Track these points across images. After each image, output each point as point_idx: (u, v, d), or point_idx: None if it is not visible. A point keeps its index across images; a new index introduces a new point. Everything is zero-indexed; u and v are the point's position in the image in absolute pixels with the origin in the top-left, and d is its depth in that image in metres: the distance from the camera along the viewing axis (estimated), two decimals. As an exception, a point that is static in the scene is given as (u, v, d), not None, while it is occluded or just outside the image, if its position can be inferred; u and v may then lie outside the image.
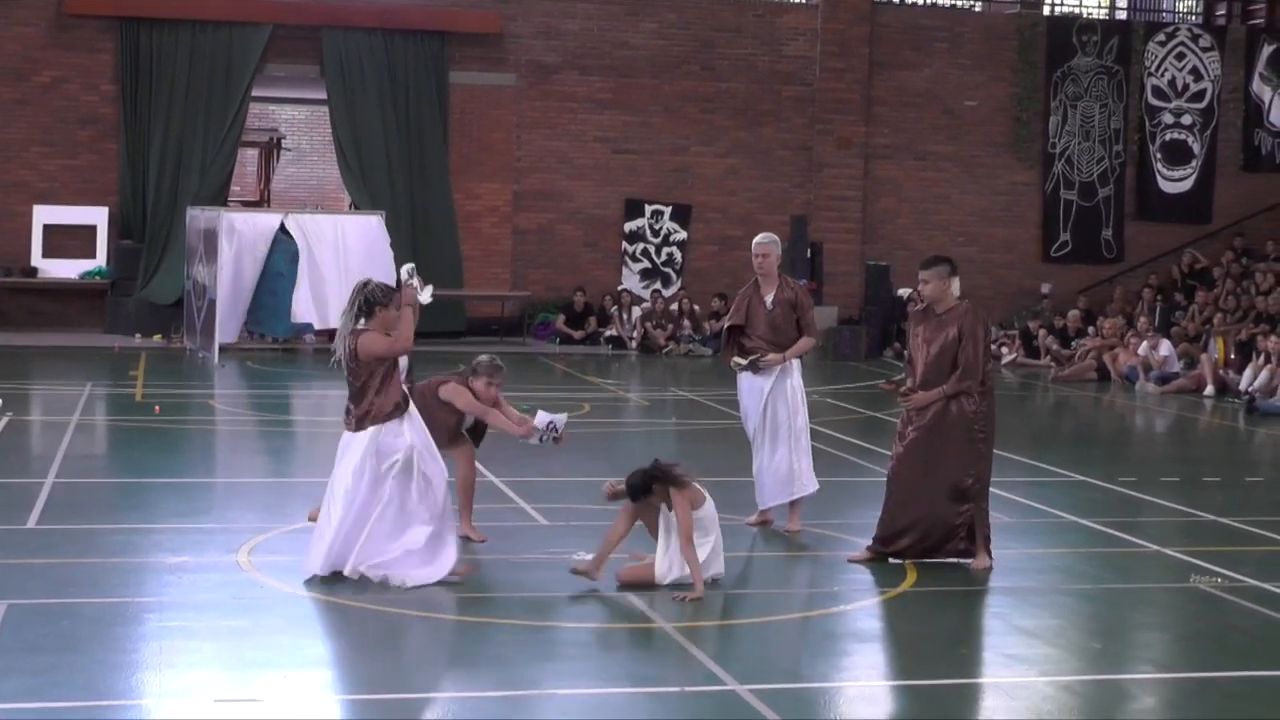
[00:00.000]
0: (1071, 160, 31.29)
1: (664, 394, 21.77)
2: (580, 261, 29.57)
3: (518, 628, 8.85)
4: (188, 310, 25.53)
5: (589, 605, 9.47)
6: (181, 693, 7.50)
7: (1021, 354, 27.53)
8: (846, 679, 8.22)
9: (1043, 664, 8.46)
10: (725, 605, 9.55)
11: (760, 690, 7.74)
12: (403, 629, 8.83)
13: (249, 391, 20.98)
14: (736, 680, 7.88)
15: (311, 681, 7.79)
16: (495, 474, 13.57)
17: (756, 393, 11.91)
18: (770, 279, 11.92)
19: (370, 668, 8.10)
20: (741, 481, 12.78)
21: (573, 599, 9.58)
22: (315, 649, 8.37)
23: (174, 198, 27.30)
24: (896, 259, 29.92)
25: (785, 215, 29.16)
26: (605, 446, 16.57)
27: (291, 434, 17.16)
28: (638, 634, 8.81)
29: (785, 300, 11.87)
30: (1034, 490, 14.01)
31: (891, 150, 30.67)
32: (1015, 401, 23.50)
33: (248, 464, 15.21)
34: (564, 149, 29.46)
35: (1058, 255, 31.32)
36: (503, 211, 29.29)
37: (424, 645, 8.59)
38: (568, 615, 9.18)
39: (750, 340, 11.93)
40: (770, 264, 11.90)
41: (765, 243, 12.01)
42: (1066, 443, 18.97)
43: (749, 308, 11.92)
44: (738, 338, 12.03)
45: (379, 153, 28.14)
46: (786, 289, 11.91)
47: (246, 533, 11.10)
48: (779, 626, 9.17)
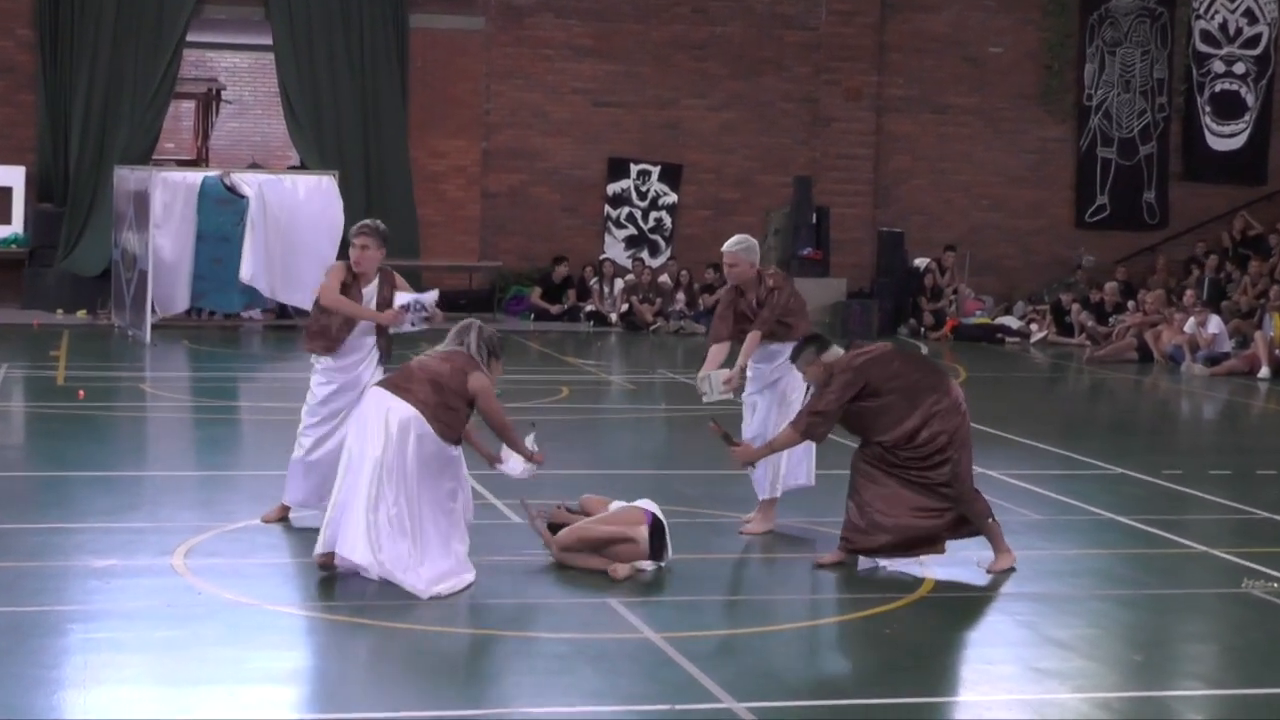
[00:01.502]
0: (1109, 114, 31.30)
1: (651, 376, 21.77)
2: (557, 228, 29.54)
3: (489, 638, 8.85)
4: (116, 282, 25.47)
5: (569, 613, 9.47)
6: (109, 712, 7.48)
7: (1053, 331, 27.57)
8: (855, 696, 8.23)
9: (1076, 678, 8.48)
10: (720, 613, 9.56)
11: (759, 708, 7.75)
12: (362, 640, 8.82)
13: (185, 374, 20.94)
14: (733, 697, 7.89)
15: (258, 700, 7.78)
16: (462, 466, 13.57)
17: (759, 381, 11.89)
18: (750, 282, 11.84)
19: (325, 684, 8.10)
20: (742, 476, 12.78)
21: (551, 606, 9.57)
22: (262, 663, 8.36)
23: (100, 156, 27.23)
24: (912, 225, 29.93)
25: (787, 176, 29.16)
26: (585, 436, 16.57)
27: (233, 422, 17.14)
28: (623, 645, 8.81)
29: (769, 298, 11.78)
30: (1067, 484, 14.03)
31: (907, 103, 30.66)
32: (1046, 385, 23.53)
33: (184, 456, 15.19)
34: (539, 102, 29.41)
35: (1094, 221, 31.34)
36: (470, 172, 29.26)
37: (385, 658, 8.59)
38: (545, 624, 9.18)
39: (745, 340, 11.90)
40: (742, 274, 11.80)
41: (734, 250, 11.82)
42: (1103, 431, 19.00)
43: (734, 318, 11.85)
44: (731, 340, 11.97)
45: (330, 105, 28.09)
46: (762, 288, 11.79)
47: (182, 532, 11.08)
48: (780, 637, 9.18)
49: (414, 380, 9.90)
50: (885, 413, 10.46)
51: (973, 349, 26.33)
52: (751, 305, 11.79)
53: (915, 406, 10.43)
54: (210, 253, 24.75)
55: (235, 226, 24.61)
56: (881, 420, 10.47)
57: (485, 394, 9.90)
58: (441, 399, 9.80)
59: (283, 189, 25.13)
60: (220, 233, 24.71)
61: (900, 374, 10.58)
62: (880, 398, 10.46)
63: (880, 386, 10.47)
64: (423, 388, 9.83)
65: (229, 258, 24.65)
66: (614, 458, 15.28)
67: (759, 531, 11.67)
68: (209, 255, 24.77)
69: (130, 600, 9.38)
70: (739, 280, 11.84)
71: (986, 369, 23.75)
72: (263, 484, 12.99)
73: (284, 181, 25.63)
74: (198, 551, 10.59)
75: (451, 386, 9.84)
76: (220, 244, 24.72)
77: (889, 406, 10.45)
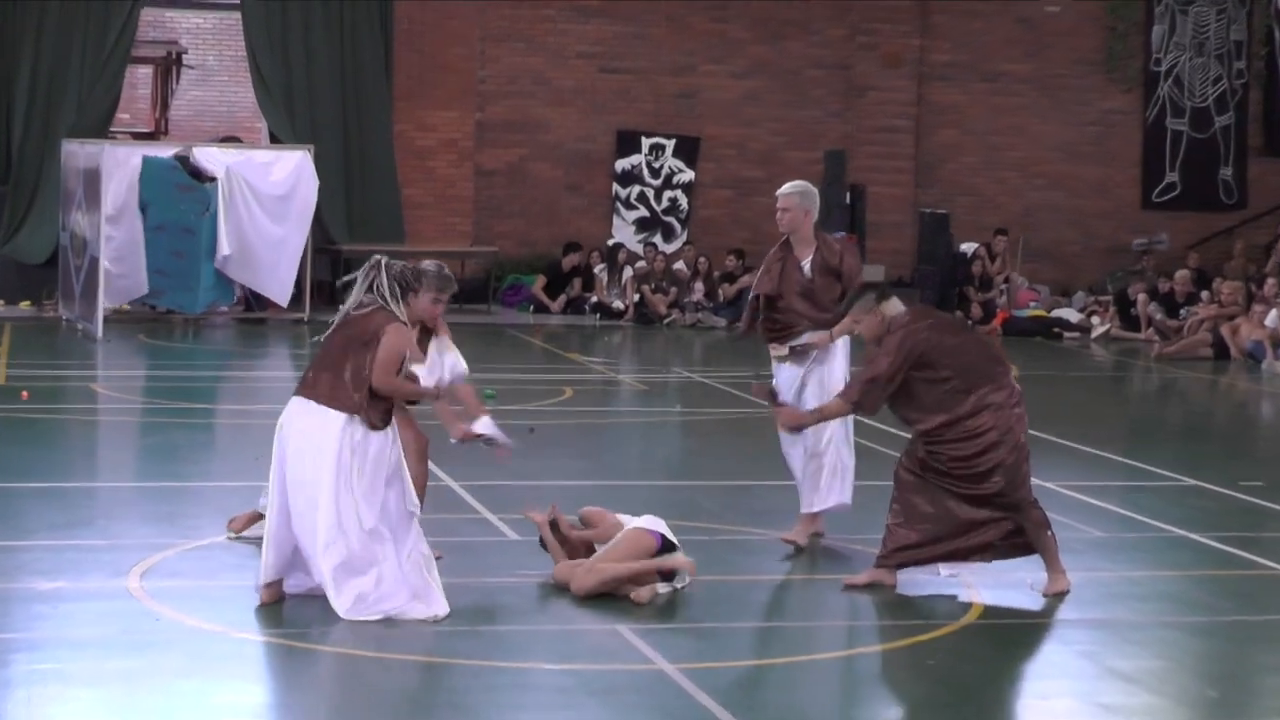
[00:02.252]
0: (1180, 81, 31.26)
1: (665, 375, 21.77)
2: (560, 209, 29.54)
3: (482, 669, 8.85)
4: (64, 270, 25.48)
5: (573, 641, 9.47)
6: (57, 752, 7.50)
7: (1117, 325, 27.55)
8: (896, 734, 8.25)
9: (1144, 717, 8.48)
10: (743, 642, 9.55)
11: (787, 748, 7.76)
12: (338, 671, 8.82)
13: (142, 373, 20.95)
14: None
15: (221, 738, 7.80)
16: (452, 476, 13.57)
17: (790, 384, 11.89)
18: (804, 239, 11.86)
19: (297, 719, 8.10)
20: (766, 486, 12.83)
21: (553, 633, 9.57)
22: (228, 697, 8.36)
23: (46, 129, 27.23)
24: (958, 206, 29.91)
25: (817, 151, 29.12)
26: (590, 442, 16.57)
27: (195, 427, 17.14)
28: (634, 677, 8.82)
29: (825, 266, 11.80)
30: (1133, 497, 14.02)
31: (953, 70, 30.64)
32: (1110, 385, 23.51)
33: (140, 465, 15.20)
34: (539, 68, 29.42)
35: (1163, 201, 31.30)
36: (462, 147, 29.27)
37: (364, 691, 8.59)
38: (546, 653, 9.18)
39: (782, 315, 11.90)
40: (794, 221, 11.82)
41: (787, 193, 11.93)
42: (1174, 437, 18.98)
43: (781, 273, 11.87)
44: (766, 312, 11.99)
45: (304, 72, 28.08)
46: (828, 252, 11.83)
47: (139, 550, 11.09)
48: (808, 668, 9.18)
49: (321, 368, 9.70)
50: (933, 391, 10.41)
51: (1026, 345, 26.31)
52: (802, 272, 11.76)
53: (969, 391, 10.37)
54: (170, 245, 24.61)
55: (200, 217, 24.41)
56: (928, 398, 10.42)
57: (392, 343, 9.53)
58: (351, 376, 9.56)
59: (252, 166, 25.14)
60: (182, 223, 24.57)
61: (961, 350, 10.54)
62: (934, 371, 10.39)
63: (938, 359, 10.39)
64: (324, 376, 9.65)
65: (192, 252, 24.53)
66: (622, 467, 15.29)
67: (797, 540, 11.66)
68: (169, 248, 24.62)
69: (81, 627, 9.38)
70: (790, 230, 11.82)
71: (1042, 367, 23.71)
72: (228, 496, 12.99)
73: (254, 158, 25.65)
74: (156, 572, 10.59)
75: (365, 342, 9.58)
76: (182, 236, 24.57)
77: (940, 384, 10.39)
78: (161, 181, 24.65)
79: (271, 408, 11.85)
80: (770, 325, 11.99)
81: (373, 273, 9.85)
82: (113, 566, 10.66)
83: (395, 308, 9.74)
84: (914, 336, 10.38)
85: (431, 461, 11.05)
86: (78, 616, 9.58)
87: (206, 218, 24.45)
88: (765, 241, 28.93)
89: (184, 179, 24.66)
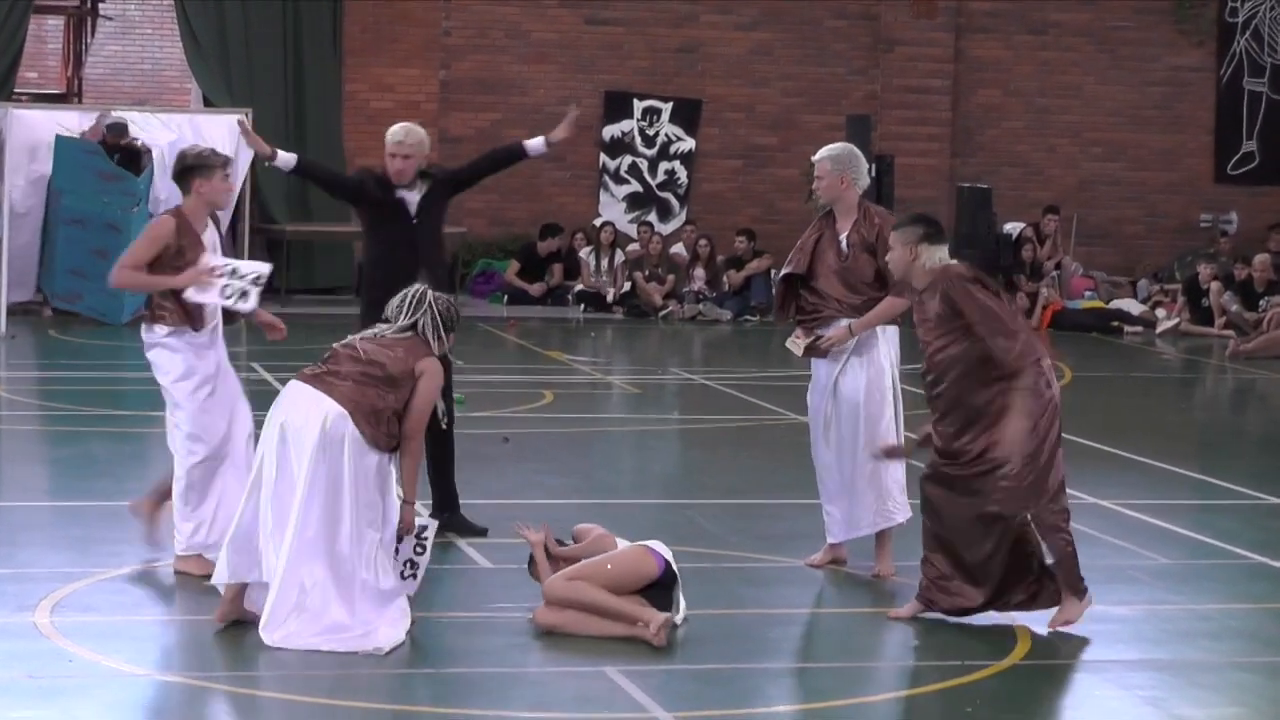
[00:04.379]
0: (1260, 35, 31.29)
1: (661, 376, 21.79)
2: (539, 183, 29.55)
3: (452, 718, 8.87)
4: (-39, 255, 25.49)
5: (555, 685, 9.49)
6: (-45, 815, 7.52)
7: (1187, 318, 27.57)
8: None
9: (1216, 771, 8.51)
10: (750, 686, 9.58)
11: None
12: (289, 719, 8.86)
13: (52, 374, 20.95)
14: (768, 795, 7.94)
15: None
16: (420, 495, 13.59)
17: (821, 382, 11.94)
18: (847, 210, 11.89)
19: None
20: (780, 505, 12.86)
21: (531, 676, 9.59)
22: (151, 750, 8.39)
23: (-61, 90, 27.27)
24: (1002, 180, 29.92)
25: (839, 115, 29.14)
26: (573, 454, 16.58)
27: (113, 436, 17.15)
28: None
29: (864, 242, 11.81)
30: (1204, 518, 14.04)
31: (995, 20, 30.67)
32: (1177, 386, 23.53)
33: (49, 480, 15.20)
34: (514, 18, 29.44)
35: (1239, 173, 31.34)
36: (425, 110, 29.26)
37: (310, 745, 8.63)
38: (525, 700, 9.20)
39: (813, 298, 11.92)
40: (830, 190, 11.86)
41: (819, 159, 11.98)
42: (1252, 449, 19.00)
43: (815, 250, 11.90)
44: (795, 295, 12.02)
45: (240, 25, 28.10)
46: (866, 226, 11.84)
47: (48, 580, 11.10)
48: (828, 716, 9.20)
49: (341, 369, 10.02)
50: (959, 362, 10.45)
51: (1081, 341, 26.33)
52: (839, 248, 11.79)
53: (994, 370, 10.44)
54: (91, 242, 23.99)
55: (128, 212, 23.91)
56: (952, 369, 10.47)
57: (429, 388, 10.15)
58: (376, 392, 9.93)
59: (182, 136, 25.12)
60: (105, 217, 24.06)
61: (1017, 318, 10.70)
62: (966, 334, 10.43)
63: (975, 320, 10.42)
64: (347, 382, 9.94)
65: (118, 251, 23.93)
66: (611, 483, 15.30)
67: (890, 572, 11.74)
68: (89, 245, 23.99)
69: (-19, 669, 9.40)
70: (830, 200, 11.87)
71: (1099, 367, 23.75)
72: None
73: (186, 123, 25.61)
74: (68, 605, 10.60)
75: (393, 374, 10.01)
76: (106, 233, 23.87)
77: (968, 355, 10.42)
78: (78, 166, 24.23)
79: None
80: (800, 308, 12.04)
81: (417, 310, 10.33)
82: (17, 599, 10.66)
83: (434, 344, 10.27)
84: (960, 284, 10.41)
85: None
86: (-22, 657, 9.61)
87: (136, 213, 23.80)
88: (778, 219, 29.31)
89: (107, 165, 24.25)
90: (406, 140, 12.73)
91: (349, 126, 28.86)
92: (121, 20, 34.18)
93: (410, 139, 12.74)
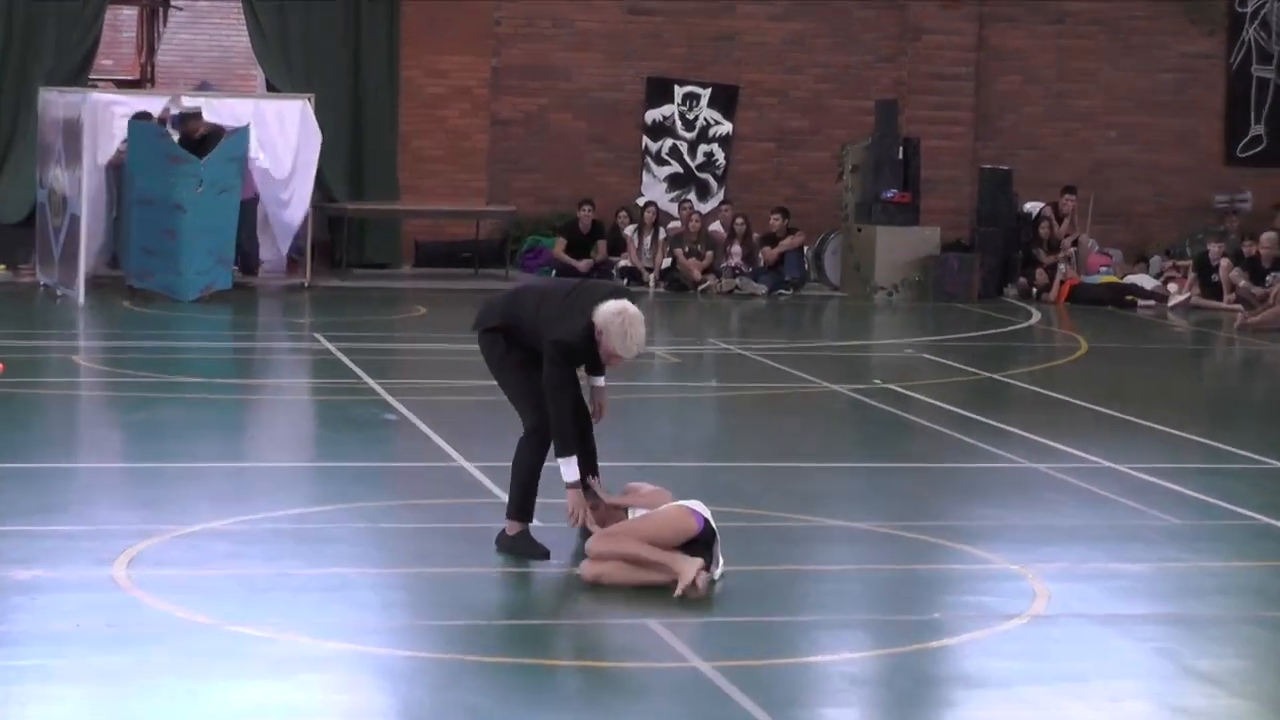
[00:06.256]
0: (1269, 24, 31.16)
1: (700, 347, 21.78)
2: (584, 164, 29.55)
3: (495, 667, 8.88)
4: (41, 231, 25.53)
5: (598, 636, 9.49)
6: (36, 755, 7.55)
7: (1197, 292, 27.48)
8: (952, 739, 8.27)
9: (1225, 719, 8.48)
10: (783, 637, 9.57)
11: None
12: (340, 668, 8.86)
13: (127, 343, 20.98)
14: (800, 740, 7.93)
15: (214, 741, 7.85)
16: (467, 457, 13.61)
17: None
18: None
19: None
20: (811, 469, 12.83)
21: (575, 628, 9.60)
22: (220, 697, 8.40)
23: (22, 76, 27.30)
24: (1022, 161, 29.84)
25: (868, 100, 29.10)
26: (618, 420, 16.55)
27: (185, 403, 17.17)
28: (665, 676, 8.84)
29: None
30: (1213, 481, 14.00)
31: (1016, 11, 30.58)
32: (1188, 358, 23.47)
33: (125, 443, 15.24)
34: (561, 9, 29.41)
35: (1248, 155, 31.23)
36: (477, 95, 29.28)
37: (372, 690, 8.62)
38: (568, 649, 9.20)
39: None
40: None
41: None
42: (1259, 416, 18.95)
43: None
44: None
45: (303, 13, 28.12)
46: None
47: (123, 537, 11.13)
48: (855, 667, 9.19)
49: None
50: None
51: (1096, 314, 26.27)
52: None
53: None
54: (159, 222, 23.85)
55: (194, 193, 23.77)
56: None
57: None
58: None
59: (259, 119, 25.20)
60: (172, 198, 23.77)
61: None
62: None
63: None
64: None
65: (186, 231, 23.83)
66: (652, 447, 15.28)
67: None
68: (157, 225, 23.87)
69: (61, 620, 9.42)
70: None
71: (1113, 339, 23.70)
72: (221, 478, 13.08)
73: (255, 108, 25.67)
74: (142, 560, 10.63)
75: None
76: (172, 213, 23.76)
77: None
78: (150, 150, 23.98)
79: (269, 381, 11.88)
80: None
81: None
82: (95, 555, 10.70)
83: None
84: None
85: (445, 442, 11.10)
86: (58, 608, 9.62)
87: (201, 194, 23.83)
88: (810, 199, 29.31)
89: (175, 149, 24.08)
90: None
91: (405, 110, 28.89)
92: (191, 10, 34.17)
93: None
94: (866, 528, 12.03)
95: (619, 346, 10.71)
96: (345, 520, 11.91)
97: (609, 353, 10.78)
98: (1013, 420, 16.54)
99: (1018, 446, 15.18)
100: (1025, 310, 26.28)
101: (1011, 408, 17.89)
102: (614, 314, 10.70)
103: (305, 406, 17.60)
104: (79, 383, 18.21)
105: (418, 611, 9.85)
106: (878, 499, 13.34)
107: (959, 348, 22.09)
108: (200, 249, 23.95)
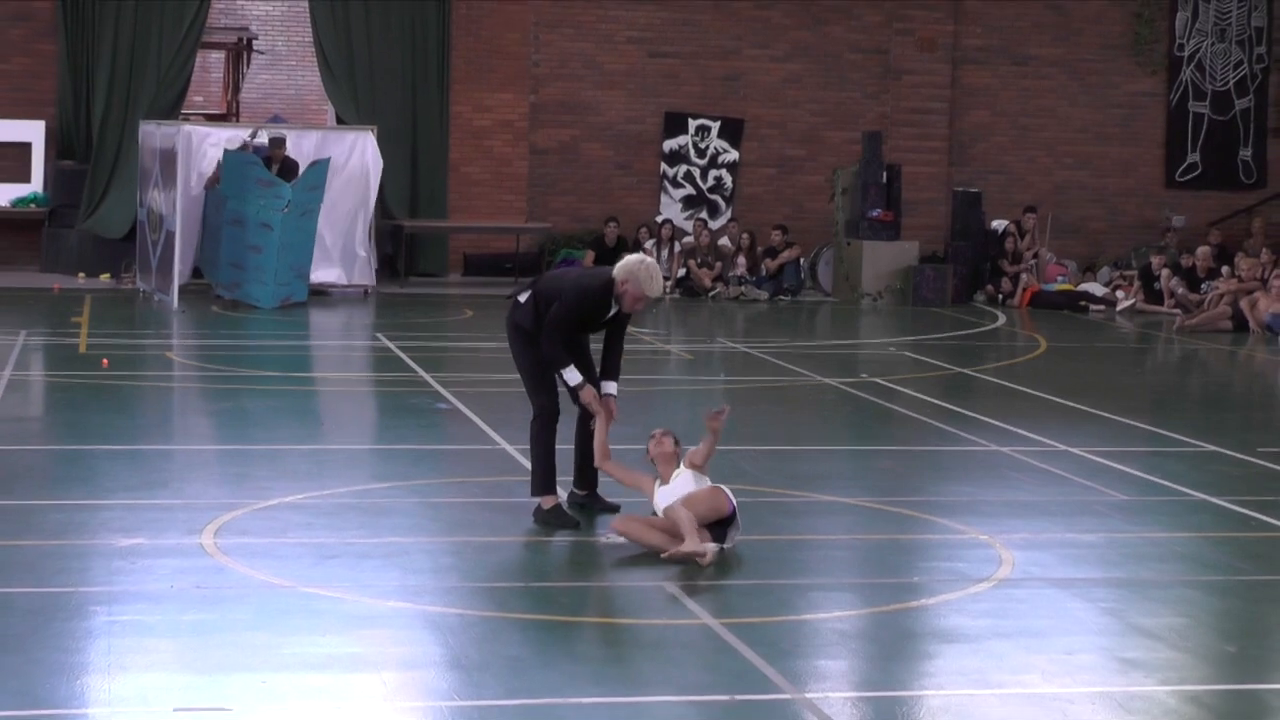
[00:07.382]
0: (1203, 66, 31.07)
1: (710, 345, 21.76)
2: (610, 187, 29.55)
3: (533, 624, 8.88)
4: (141, 245, 25.58)
5: (619, 598, 9.49)
6: (135, 699, 7.54)
7: (1141, 299, 27.40)
8: (925, 686, 8.24)
9: (1164, 670, 8.46)
10: (782, 598, 9.56)
11: (824, 699, 7.75)
12: (400, 625, 8.86)
13: (214, 342, 21.01)
14: (795, 687, 7.90)
15: (290, 688, 7.84)
16: (507, 439, 13.61)
17: None
18: None
19: (362, 671, 8.13)
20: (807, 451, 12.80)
21: (600, 590, 9.59)
22: (295, 649, 8.40)
23: (126, 109, 27.35)
24: (990, 184, 29.79)
25: (856, 131, 29.07)
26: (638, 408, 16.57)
27: (264, 393, 17.20)
28: (680, 632, 8.83)
29: None
30: (1155, 462, 13.97)
31: (985, 53, 30.51)
32: (1133, 355, 23.41)
33: (212, 429, 15.27)
34: (590, 52, 29.40)
35: (1185, 180, 31.15)
36: (517, 127, 29.28)
37: (425, 643, 8.62)
38: (594, 609, 9.19)
39: None
40: None
41: None
42: (1194, 406, 18.90)
43: None
44: None
45: (366, 56, 28.15)
46: None
47: (211, 510, 11.15)
48: (846, 624, 9.18)
49: None
50: None
51: (1054, 317, 26.21)
52: None
53: None
54: (248, 239, 23.64)
55: (279, 213, 23.59)
56: None
57: None
58: None
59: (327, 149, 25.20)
60: (261, 218, 23.55)
61: None
62: None
63: None
64: None
65: (271, 248, 23.63)
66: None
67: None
68: (246, 242, 23.64)
69: (157, 581, 9.44)
70: None
71: (1069, 339, 23.65)
72: (296, 459, 13.08)
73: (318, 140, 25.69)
74: (228, 530, 10.65)
75: None
76: (260, 231, 23.55)
77: None
78: (242, 176, 23.77)
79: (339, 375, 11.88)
80: None
81: None
82: (187, 525, 10.72)
83: None
84: None
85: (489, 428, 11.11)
86: (155, 571, 9.64)
87: (286, 214, 23.69)
88: (806, 216, 29.21)
89: (264, 174, 23.90)
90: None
91: (454, 140, 28.90)
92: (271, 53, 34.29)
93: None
94: (855, 502, 12.02)
95: (646, 286, 10.89)
96: (402, 496, 11.93)
97: (636, 296, 10.92)
98: (981, 409, 16.51)
99: (986, 432, 15.15)
100: (992, 314, 26.23)
101: (980, 399, 17.85)
102: (636, 262, 10.98)
103: (368, 397, 17.60)
104: (173, 376, 18.23)
105: (465, 575, 9.85)
106: (865, 478, 13.33)
107: (935, 346, 22.06)
108: (284, 264, 23.87)
